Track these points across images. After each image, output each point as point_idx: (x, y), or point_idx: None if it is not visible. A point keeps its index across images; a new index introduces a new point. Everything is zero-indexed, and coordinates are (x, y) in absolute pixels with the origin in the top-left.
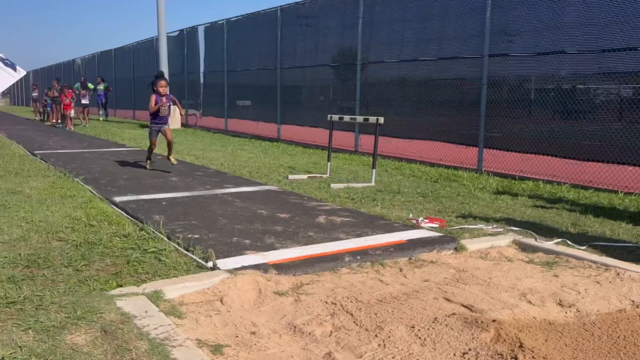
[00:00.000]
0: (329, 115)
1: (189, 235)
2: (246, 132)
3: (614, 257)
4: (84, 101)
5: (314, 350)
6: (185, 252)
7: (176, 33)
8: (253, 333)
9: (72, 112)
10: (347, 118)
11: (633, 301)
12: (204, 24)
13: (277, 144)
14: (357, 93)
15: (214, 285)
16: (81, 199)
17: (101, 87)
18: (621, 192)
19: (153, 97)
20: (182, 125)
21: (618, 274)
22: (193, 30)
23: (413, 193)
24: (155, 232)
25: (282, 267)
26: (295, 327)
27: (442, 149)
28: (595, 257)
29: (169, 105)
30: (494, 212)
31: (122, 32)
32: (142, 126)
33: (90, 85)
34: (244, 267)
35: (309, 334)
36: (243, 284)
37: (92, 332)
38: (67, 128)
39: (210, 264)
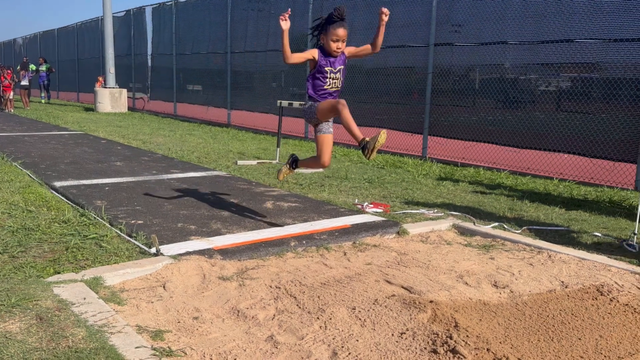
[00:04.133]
0: (279, 101)
1: (132, 221)
2: (196, 117)
3: (547, 240)
4: (24, 82)
5: (257, 334)
6: (128, 238)
7: (122, 13)
8: (196, 318)
9: (12, 94)
10: (296, 104)
11: (562, 282)
12: (151, 5)
13: (227, 129)
14: None
15: (157, 271)
16: (19, 183)
17: (43, 68)
18: (556, 178)
19: (312, 53)
20: (129, 109)
21: (550, 256)
22: (140, 10)
23: (360, 179)
24: (97, 217)
25: (227, 253)
26: (238, 311)
27: (389, 136)
28: (529, 240)
29: (342, 72)
30: (436, 197)
31: (65, 11)
32: (87, 109)
33: (32, 67)
34: (188, 253)
35: (252, 317)
36: (187, 270)
37: (26, 320)
38: (7, 110)
39: (153, 250)
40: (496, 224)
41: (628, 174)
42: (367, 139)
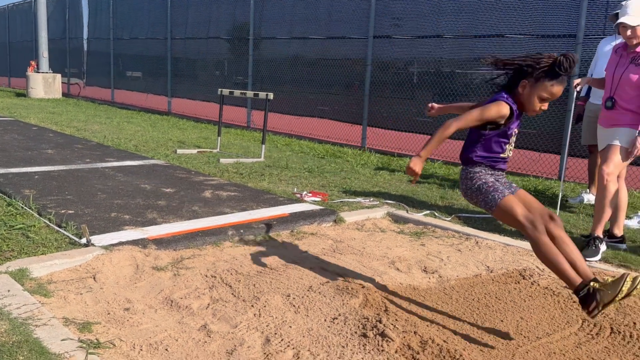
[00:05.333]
0: (220, 90)
1: (63, 211)
2: (135, 105)
3: (475, 227)
4: None
5: (190, 323)
6: (57, 228)
7: None
8: (127, 309)
9: None
10: (237, 93)
11: (488, 267)
12: None
13: (168, 117)
14: (249, 68)
15: (87, 262)
16: None
17: None
18: None
19: (502, 110)
20: (64, 94)
21: (477, 242)
22: None
23: (300, 168)
24: (25, 207)
25: (162, 242)
26: (172, 301)
27: (330, 126)
28: (458, 227)
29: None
30: (373, 186)
31: None
32: (18, 95)
33: None
34: (121, 243)
35: (186, 307)
36: (119, 260)
37: None
38: None
39: (83, 240)
40: (428, 211)
41: (552, 165)
42: (603, 282)
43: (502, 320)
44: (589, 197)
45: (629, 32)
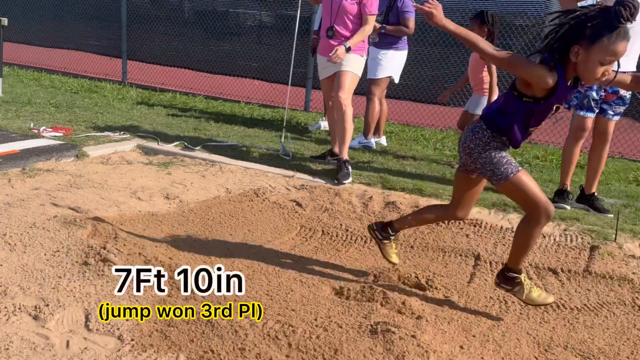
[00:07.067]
0: None
1: None
2: None
3: (222, 155)
4: None
5: None
6: None
7: None
8: None
9: None
10: None
11: (227, 189)
12: None
13: None
14: None
15: None
16: None
17: None
18: (243, 102)
19: (549, 78)
20: None
21: (221, 168)
22: None
23: (46, 104)
24: None
25: None
26: None
27: (88, 60)
28: (206, 155)
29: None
30: (127, 120)
31: None
32: None
33: None
34: None
35: None
36: None
37: None
38: None
39: None
40: (178, 142)
41: (300, 97)
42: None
43: (231, 234)
44: (324, 124)
45: None
